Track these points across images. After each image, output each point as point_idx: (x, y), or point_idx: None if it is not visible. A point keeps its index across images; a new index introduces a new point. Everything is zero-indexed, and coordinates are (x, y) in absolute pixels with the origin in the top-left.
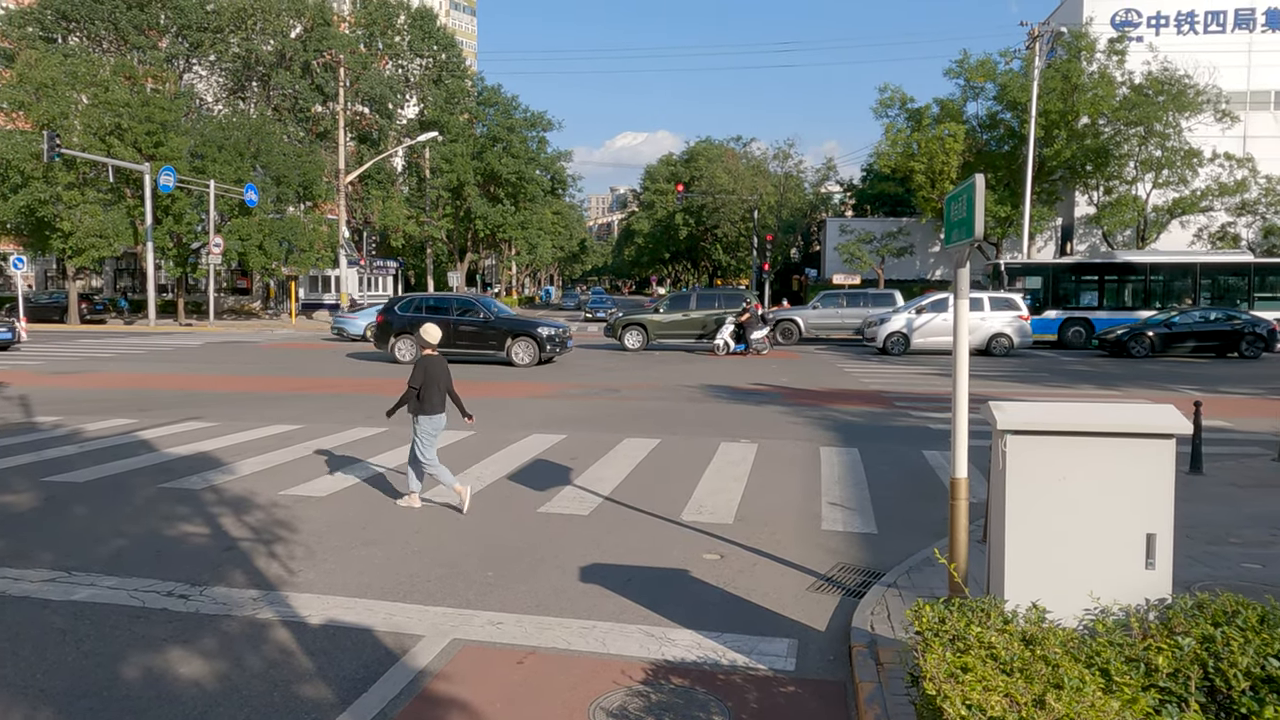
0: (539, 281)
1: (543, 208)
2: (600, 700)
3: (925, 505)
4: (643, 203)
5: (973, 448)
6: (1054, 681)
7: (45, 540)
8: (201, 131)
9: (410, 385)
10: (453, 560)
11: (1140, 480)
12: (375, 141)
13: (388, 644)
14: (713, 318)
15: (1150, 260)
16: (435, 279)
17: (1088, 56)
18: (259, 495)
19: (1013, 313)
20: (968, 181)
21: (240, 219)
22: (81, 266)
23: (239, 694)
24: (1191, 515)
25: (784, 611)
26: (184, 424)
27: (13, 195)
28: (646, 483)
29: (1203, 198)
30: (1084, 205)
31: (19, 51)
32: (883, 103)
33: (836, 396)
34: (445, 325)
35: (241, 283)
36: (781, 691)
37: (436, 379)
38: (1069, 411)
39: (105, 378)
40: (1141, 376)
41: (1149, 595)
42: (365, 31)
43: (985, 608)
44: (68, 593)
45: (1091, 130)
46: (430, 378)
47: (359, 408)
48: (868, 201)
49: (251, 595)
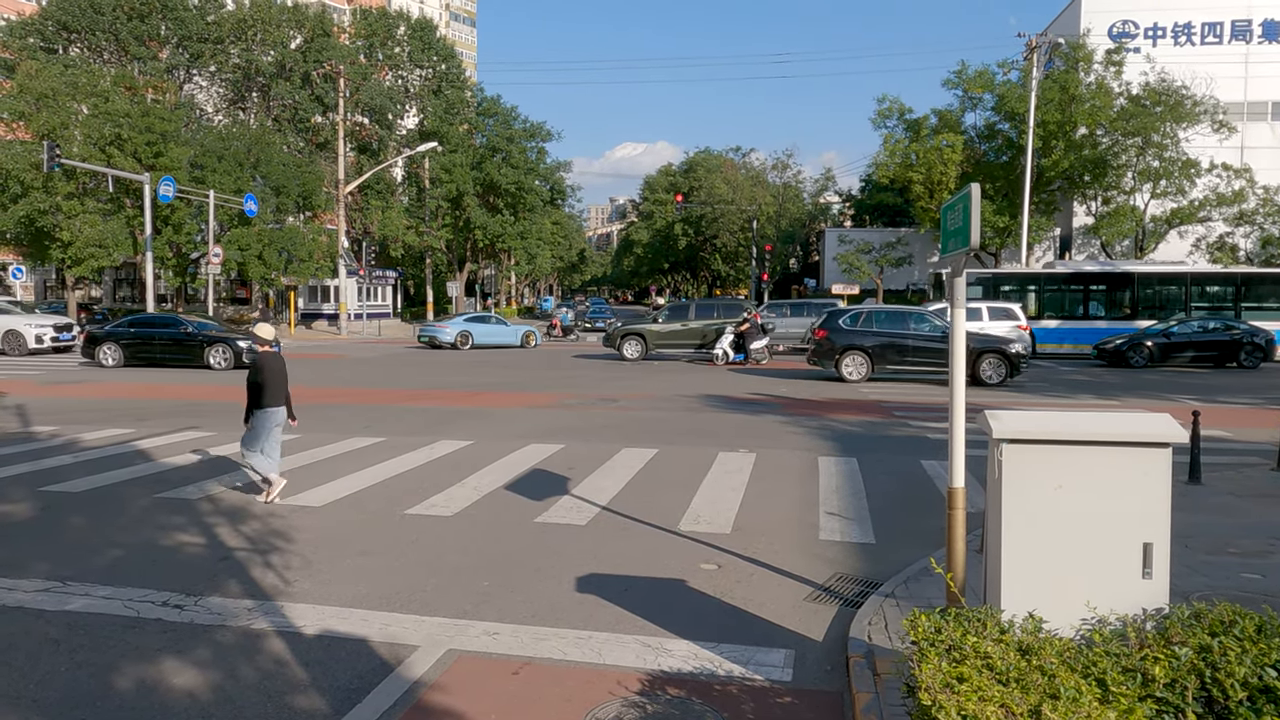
0: (538, 291)
1: (542, 218)
2: (596, 711)
3: (923, 515)
4: (642, 213)
5: (971, 457)
6: (1050, 692)
7: (41, 550)
8: (201, 142)
9: (250, 380)
10: (449, 570)
11: (1137, 489)
12: (375, 152)
13: (383, 654)
14: (712, 328)
15: (1089, 270)
16: (434, 289)
17: (1085, 67)
18: (255, 505)
19: (1011, 322)
20: (964, 191)
21: (240, 229)
22: (81, 276)
23: (232, 704)
24: (1189, 525)
25: (781, 622)
26: (181, 434)
27: (12, 205)
28: (644, 493)
29: (1200, 208)
30: (1082, 215)
31: (20, 62)
32: (881, 113)
33: (835, 406)
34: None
35: (241, 293)
36: (778, 702)
37: (276, 374)
38: (1065, 420)
39: (103, 388)
40: (1140, 386)
41: (1146, 605)
42: (365, 42)
43: (981, 617)
44: (62, 603)
45: (1089, 141)
46: (271, 373)
47: (358, 417)
48: (866, 212)
49: (246, 605)
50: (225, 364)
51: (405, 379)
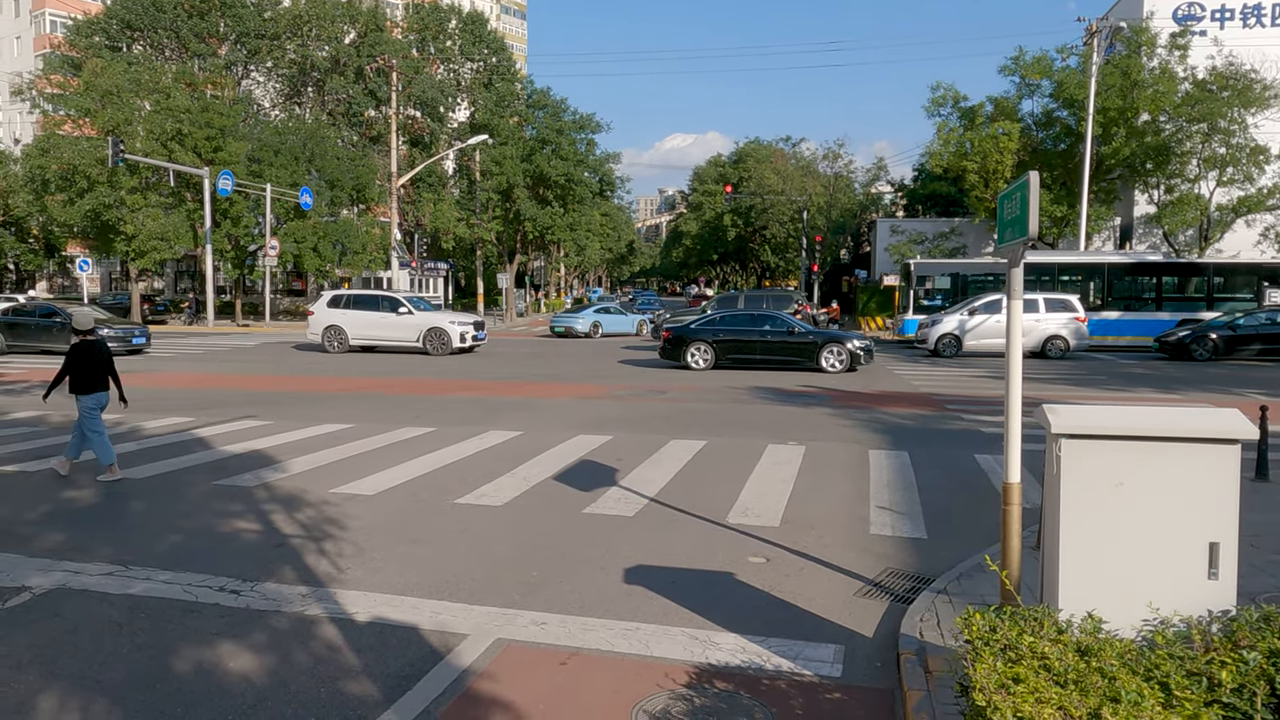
0: (587, 282)
1: (591, 209)
2: (643, 703)
3: (977, 510)
4: (691, 204)
5: (1027, 452)
6: (1110, 695)
7: (104, 535)
8: (258, 136)
9: (65, 366)
10: (498, 560)
11: (1203, 487)
12: (426, 145)
13: (433, 642)
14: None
15: (1059, 260)
16: (485, 280)
17: (1148, 52)
18: (309, 493)
19: (1069, 314)
20: (1022, 179)
21: (295, 222)
22: (144, 269)
23: (286, 689)
24: (1257, 524)
25: (830, 616)
26: (239, 422)
27: (79, 200)
28: (692, 484)
29: (1269, 195)
30: (1144, 204)
31: (86, 60)
32: (935, 101)
33: (886, 399)
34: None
35: (296, 284)
36: (827, 698)
37: (91, 360)
38: (1126, 415)
39: (165, 377)
40: (1203, 380)
41: (1212, 606)
42: (417, 36)
43: (1038, 617)
44: (125, 586)
45: (1152, 127)
46: (85, 359)
47: (409, 408)
48: (919, 201)
49: (300, 591)
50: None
51: (455, 370)
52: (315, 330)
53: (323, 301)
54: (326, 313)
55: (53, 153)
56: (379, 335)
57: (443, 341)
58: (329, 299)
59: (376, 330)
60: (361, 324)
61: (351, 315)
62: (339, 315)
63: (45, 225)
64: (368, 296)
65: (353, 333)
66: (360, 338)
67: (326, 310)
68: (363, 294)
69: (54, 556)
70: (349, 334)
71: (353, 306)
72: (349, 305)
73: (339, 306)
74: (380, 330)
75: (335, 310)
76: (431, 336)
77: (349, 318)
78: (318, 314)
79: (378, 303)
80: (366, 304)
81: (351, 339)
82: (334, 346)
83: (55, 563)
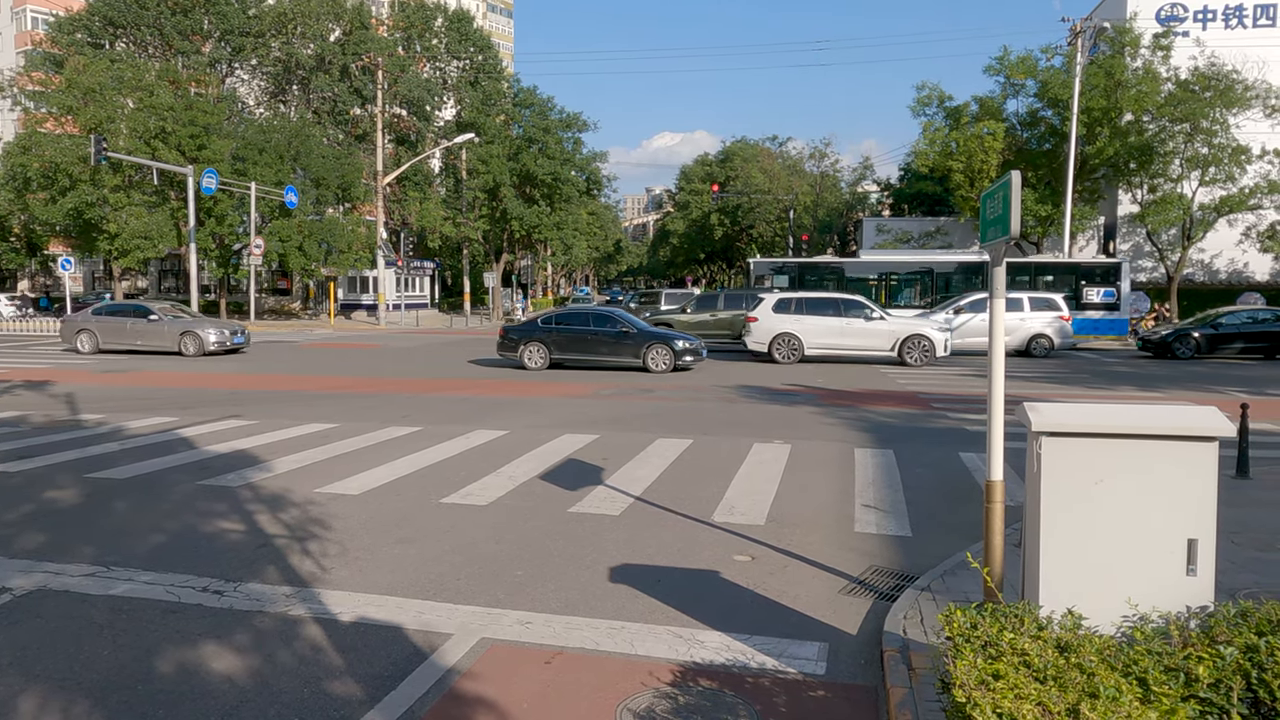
0: (574, 281)
1: (578, 208)
2: (628, 701)
3: (961, 508)
4: (678, 203)
5: (1011, 450)
6: (1089, 690)
7: (86, 535)
8: (243, 135)
9: None
10: (483, 559)
11: (1181, 484)
12: (413, 143)
13: (417, 642)
14: (740, 318)
15: (881, 259)
16: (472, 279)
17: (1132, 52)
18: (294, 493)
19: (1053, 313)
20: (1004, 178)
21: (280, 220)
22: (127, 267)
23: (269, 689)
24: (1237, 520)
25: (815, 614)
26: (223, 422)
27: (61, 198)
28: (678, 483)
29: (1250, 195)
30: (1128, 204)
31: (68, 57)
32: (921, 101)
33: (871, 398)
34: None
35: (282, 283)
36: (811, 695)
37: None
38: (1106, 413)
39: (147, 375)
40: (1186, 378)
41: (1190, 603)
42: (403, 34)
43: (1019, 613)
44: (106, 587)
45: (1135, 127)
46: None
47: (395, 407)
48: (905, 201)
49: (284, 592)
50: None
51: (442, 368)
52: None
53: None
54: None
55: (34, 150)
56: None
57: (199, 344)
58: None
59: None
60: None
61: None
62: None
63: (27, 224)
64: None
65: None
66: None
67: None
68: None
69: (35, 557)
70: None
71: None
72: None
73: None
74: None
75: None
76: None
77: None
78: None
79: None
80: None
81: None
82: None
83: (36, 564)
